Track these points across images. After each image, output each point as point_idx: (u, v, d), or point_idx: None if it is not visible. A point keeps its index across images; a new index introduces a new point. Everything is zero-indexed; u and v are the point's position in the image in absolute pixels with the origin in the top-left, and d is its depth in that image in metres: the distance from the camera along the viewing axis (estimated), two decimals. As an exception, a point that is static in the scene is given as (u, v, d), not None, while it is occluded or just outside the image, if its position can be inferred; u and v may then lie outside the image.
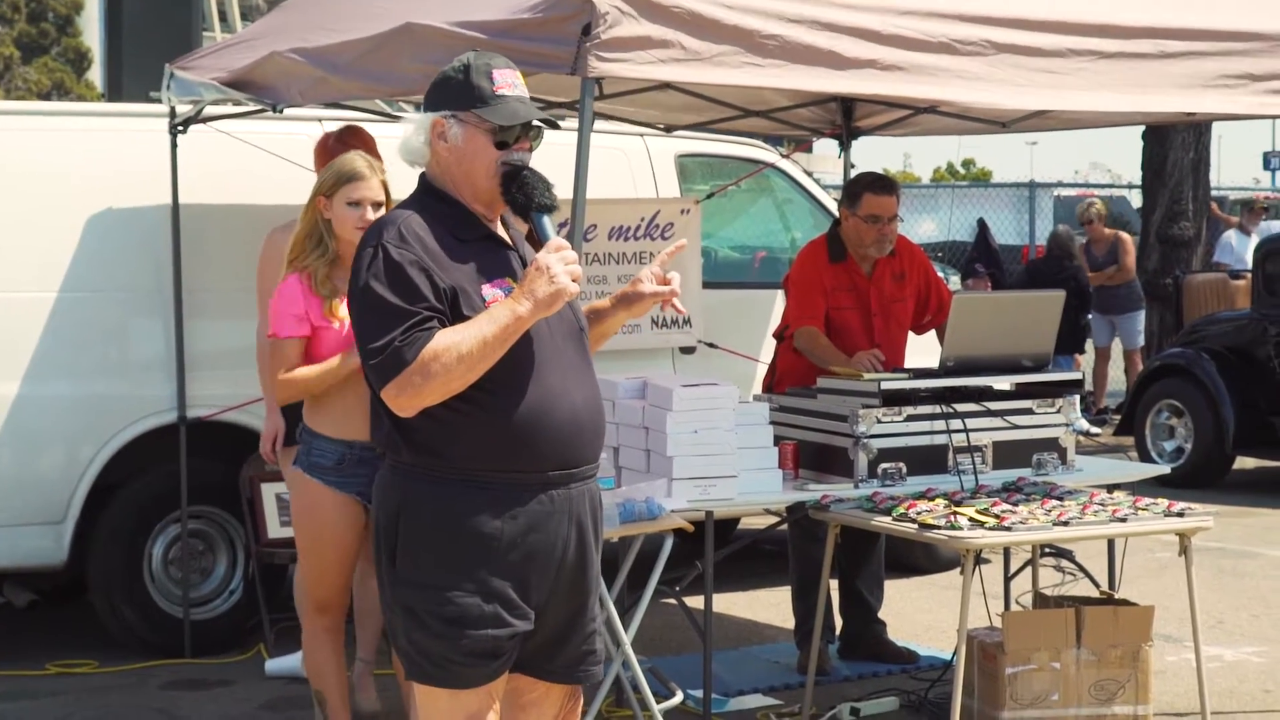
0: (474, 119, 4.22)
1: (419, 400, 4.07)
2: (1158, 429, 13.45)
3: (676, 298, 4.52)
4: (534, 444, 4.17)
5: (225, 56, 7.58)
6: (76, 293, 7.89)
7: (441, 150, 4.27)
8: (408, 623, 4.21)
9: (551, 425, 4.19)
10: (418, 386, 4.04)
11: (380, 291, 4.08)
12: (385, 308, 4.07)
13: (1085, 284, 15.46)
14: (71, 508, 7.84)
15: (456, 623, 4.14)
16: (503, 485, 4.16)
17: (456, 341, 4.03)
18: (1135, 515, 6.12)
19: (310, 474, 5.92)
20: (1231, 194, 25.70)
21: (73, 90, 42.07)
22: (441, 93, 4.29)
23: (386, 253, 4.10)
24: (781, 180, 10.18)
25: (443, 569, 4.15)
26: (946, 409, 6.74)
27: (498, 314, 4.07)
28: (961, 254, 19.56)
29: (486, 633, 4.15)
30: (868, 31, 5.89)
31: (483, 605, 4.15)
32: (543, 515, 4.20)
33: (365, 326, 4.13)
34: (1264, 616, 8.90)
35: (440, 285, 4.10)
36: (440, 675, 4.20)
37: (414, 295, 4.07)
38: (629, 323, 8.74)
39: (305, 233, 6.01)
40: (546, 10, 5.56)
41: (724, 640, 8.11)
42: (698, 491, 6.31)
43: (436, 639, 4.16)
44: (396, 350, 4.03)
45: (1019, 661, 6.25)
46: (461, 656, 4.16)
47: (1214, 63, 6.55)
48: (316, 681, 6.17)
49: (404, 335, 4.04)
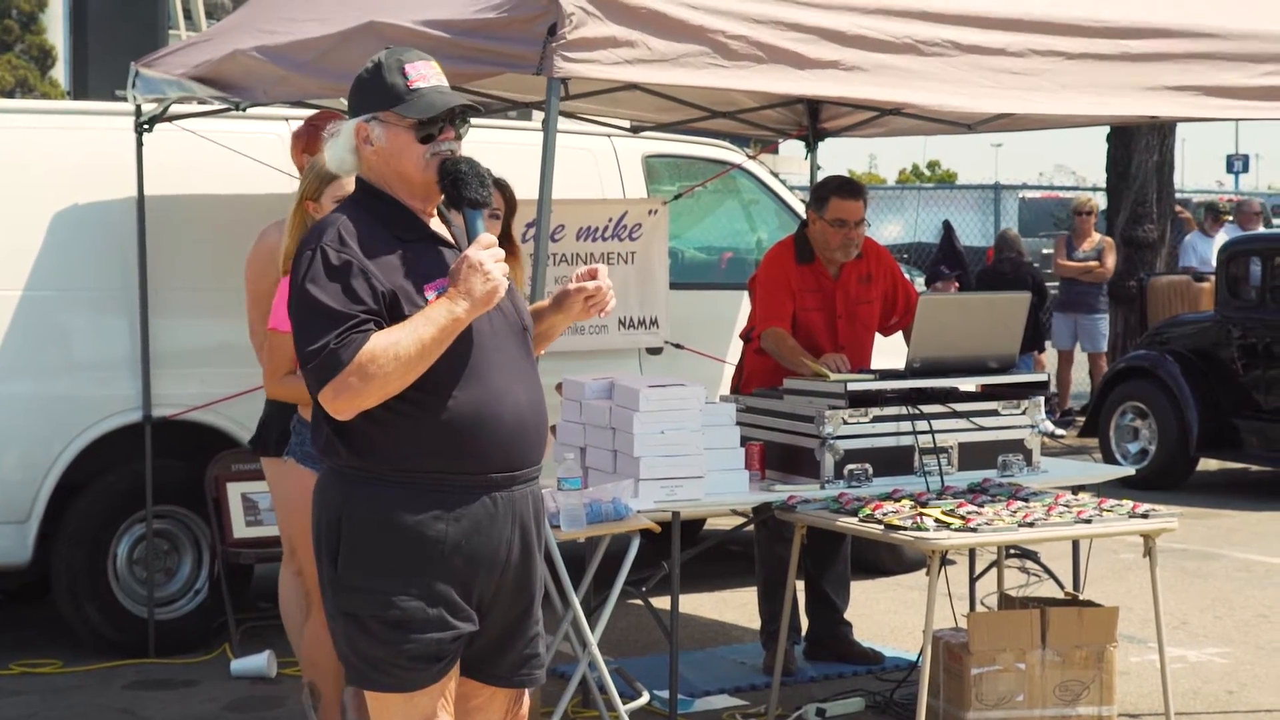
0: (394, 117, 4.19)
1: (357, 402, 4.04)
2: (1122, 431, 13.50)
3: (606, 298, 4.44)
4: (477, 444, 4.14)
5: (190, 54, 7.56)
6: (41, 291, 7.85)
7: (368, 154, 4.24)
8: (349, 628, 4.18)
9: (495, 425, 4.16)
10: (355, 389, 4.01)
11: (317, 294, 4.05)
12: (322, 310, 4.04)
13: (1040, 281, 15.56)
14: (36, 507, 7.81)
15: (400, 626, 4.12)
16: (445, 487, 4.13)
17: (393, 342, 4.01)
18: (1100, 517, 6.14)
19: (304, 463, 5.90)
20: (1195, 196, 25.79)
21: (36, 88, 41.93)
22: (358, 96, 4.27)
23: (325, 255, 4.08)
24: (748, 181, 10.19)
25: (385, 573, 4.12)
26: (912, 410, 6.75)
27: (434, 314, 4.04)
28: (927, 255, 19.62)
29: (430, 636, 4.13)
30: (832, 32, 5.90)
31: (426, 609, 4.13)
32: (486, 517, 4.17)
33: (302, 329, 4.10)
34: (1227, 618, 8.94)
35: (379, 288, 4.07)
36: (382, 680, 4.18)
37: (351, 298, 4.05)
38: (596, 323, 8.92)
39: (294, 241, 5.98)
40: (512, 10, 5.56)
41: (690, 641, 8.12)
42: (664, 492, 6.31)
43: (380, 643, 4.14)
44: (333, 352, 4.00)
45: (984, 662, 6.27)
46: (405, 660, 4.14)
47: (1177, 65, 6.56)
48: (311, 673, 6.14)
49: (339, 337, 4.00)
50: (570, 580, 6.15)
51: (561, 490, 5.99)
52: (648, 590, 6.73)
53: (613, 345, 9.03)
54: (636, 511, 6.16)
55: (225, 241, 7.56)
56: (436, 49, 5.64)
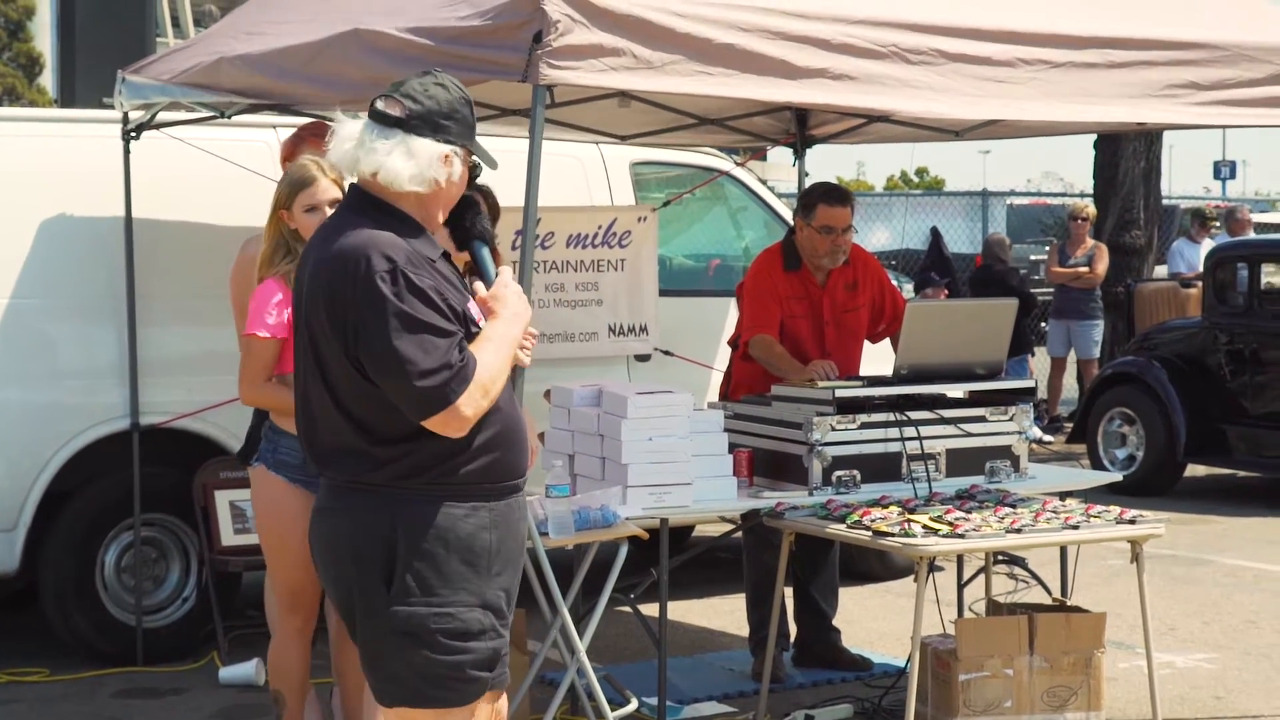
0: (467, 154, 4.27)
1: (474, 419, 4.10)
2: (1110, 437, 13.51)
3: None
4: (509, 454, 4.25)
5: (175, 61, 7.54)
6: (29, 299, 7.84)
7: (444, 180, 4.24)
8: (407, 646, 4.18)
9: (518, 435, 4.29)
10: (478, 403, 4.08)
11: (419, 315, 4.04)
12: (430, 329, 4.04)
13: (1025, 287, 15.61)
14: (23, 515, 7.79)
15: (462, 637, 4.17)
16: (487, 496, 4.21)
17: (490, 361, 4.11)
18: (1087, 523, 6.15)
19: (275, 471, 5.90)
20: (1183, 203, 25.84)
21: (24, 96, 41.82)
22: (451, 122, 4.25)
23: (408, 277, 4.06)
24: (736, 188, 10.19)
25: (444, 586, 4.16)
26: (900, 417, 6.75)
27: (502, 333, 4.17)
28: (915, 262, 19.63)
29: (488, 643, 4.21)
30: (819, 41, 5.91)
31: (482, 618, 4.20)
32: (515, 522, 4.29)
33: (409, 351, 4.03)
34: (1215, 623, 8.95)
35: (456, 307, 4.13)
36: (441, 695, 4.22)
37: (449, 316, 4.09)
38: (586, 331, 8.91)
39: (271, 248, 5.99)
40: (497, 17, 5.56)
41: (679, 648, 8.11)
42: (652, 499, 6.31)
43: (442, 657, 4.17)
44: (460, 370, 4.04)
45: (972, 668, 6.28)
46: (468, 670, 4.19)
47: (1161, 72, 6.59)
48: (277, 681, 6.13)
49: (461, 355, 4.05)
50: (559, 587, 6.15)
51: (550, 497, 6.00)
52: (636, 597, 6.74)
53: (601, 352, 9.03)
54: (625, 518, 6.16)
55: (212, 249, 7.54)
56: (422, 56, 5.66)
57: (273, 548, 6.02)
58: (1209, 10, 7.13)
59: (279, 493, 5.91)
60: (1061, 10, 6.60)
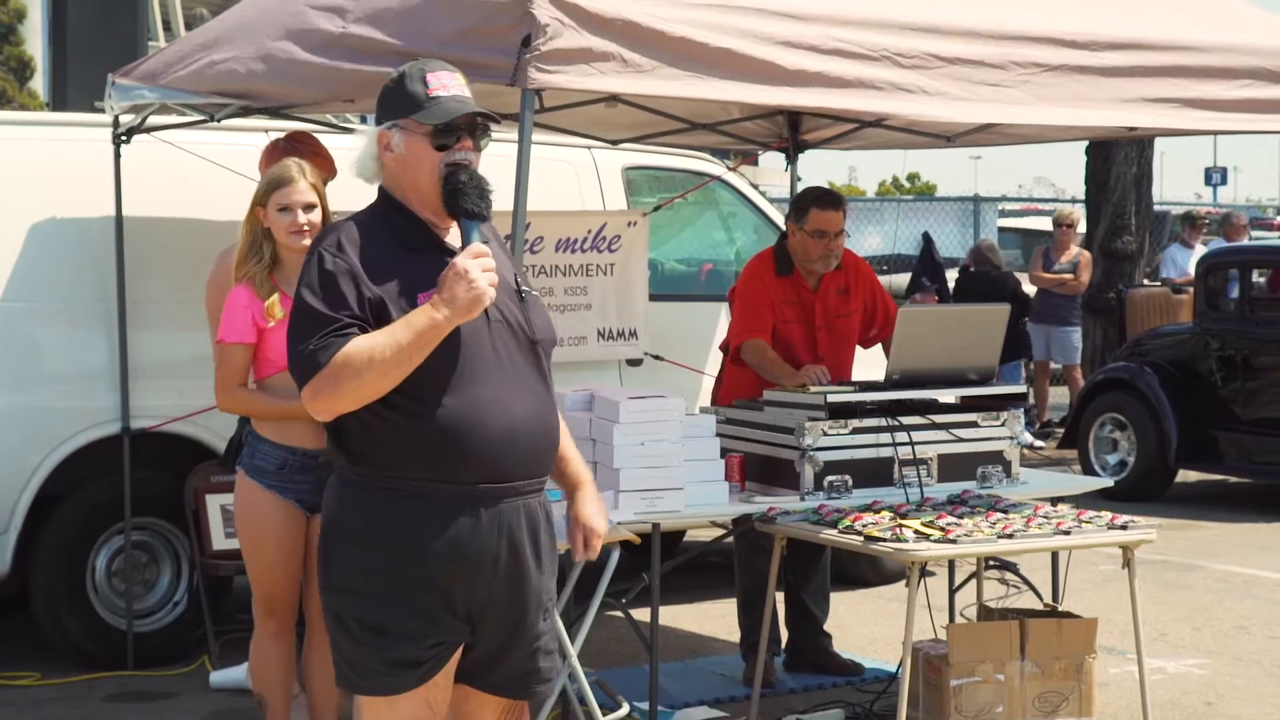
0: (412, 124, 4.25)
1: (333, 404, 4.10)
2: (1101, 442, 13.52)
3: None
4: (460, 454, 4.13)
5: (164, 63, 7.52)
6: (19, 303, 7.84)
7: (389, 161, 4.30)
8: (334, 629, 4.25)
9: (480, 435, 4.15)
10: (329, 391, 4.07)
11: (308, 298, 4.14)
12: (310, 313, 4.12)
13: (1019, 289, 15.62)
14: (14, 518, 7.78)
15: (380, 632, 4.16)
16: (431, 496, 4.14)
17: (369, 346, 4.04)
18: (1079, 528, 6.15)
19: (251, 476, 5.93)
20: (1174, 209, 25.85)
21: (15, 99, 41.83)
22: (383, 105, 4.33)
23: (321, 260, 4.17)
24: (727, 193, 10.20)
25: (369, 578, 4.16)
26: (892, 422, 6.75)
27: (415, 320, 4.06)
28: (906, 267, 19.62)
29: (407, 644, 4.17)
30: (811, 44, 5.89)
31: (405, 618, 4.16)
32: (468, 529, 4.16)
33: (292, 330, 4.19)
34: (1206, 629, 8.95)
35: (366, 294, 4.12)
36: (361, 683, 4.25)
37: (338, 303, 4.10)
38: (575, 335, 8.90)
39: (247, 245, 6.03)
40: (486, 21, 5.54)
41: (670, 652, 8.10)
42: (644, 503, 6.31)
43: (359, 646, 4.20)
44: (311, 354, 4.07)
45: (964, 674, 6.27)
46: (382, 665, 4.18)
47: (1155, 78, 6.59)
48: (258, 684, 6.14)
49: (320, 340, 4.07)
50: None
51: (541, 502, 5.98)
52: (628, 602, 6.72)
53: (592, 357, 9.03)
54: (616, 523, 6.15)
55: (203, 253, 7.50)
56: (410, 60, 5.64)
57: (249, 551, 6.05)
58: (1201, 13, 7.12)
59: (254, 497, 5.94)
60: (1056, 11, 6.59)
